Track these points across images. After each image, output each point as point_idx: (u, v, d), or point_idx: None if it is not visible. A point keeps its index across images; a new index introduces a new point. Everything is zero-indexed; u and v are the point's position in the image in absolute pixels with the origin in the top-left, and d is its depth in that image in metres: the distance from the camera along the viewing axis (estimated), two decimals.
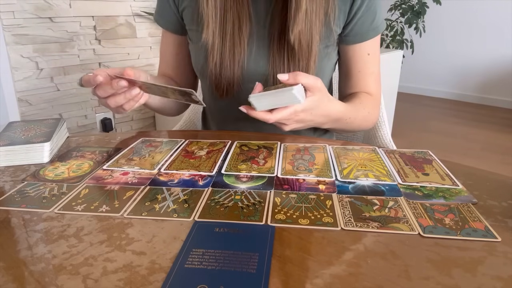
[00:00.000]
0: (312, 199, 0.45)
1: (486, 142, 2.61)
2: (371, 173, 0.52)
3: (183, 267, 0.33)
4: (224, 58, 0.69)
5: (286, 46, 0.67)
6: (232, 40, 0.68)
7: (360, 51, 0.74)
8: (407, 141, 2.65)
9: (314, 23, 0.66)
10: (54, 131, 0.63)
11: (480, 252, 0.36)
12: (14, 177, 0.53)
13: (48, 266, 0.34)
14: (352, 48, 0.74)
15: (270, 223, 0.40)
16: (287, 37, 0.66)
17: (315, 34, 0.67)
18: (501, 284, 0.32)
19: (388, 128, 0.87)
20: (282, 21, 0.67)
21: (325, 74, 0.75)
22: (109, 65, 2.09)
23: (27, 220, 0.42)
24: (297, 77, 0.53)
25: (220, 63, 0.69)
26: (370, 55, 0.75)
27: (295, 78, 0.53)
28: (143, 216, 0.42)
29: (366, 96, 0.75)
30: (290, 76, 0.53)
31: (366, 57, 0.75)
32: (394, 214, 0.42)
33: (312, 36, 0.67)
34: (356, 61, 0.75)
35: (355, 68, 0.76)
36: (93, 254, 0.36)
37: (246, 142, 0.64)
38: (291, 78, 0.53)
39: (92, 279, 0.33)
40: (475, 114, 3.25)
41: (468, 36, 3.62)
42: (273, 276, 0.33)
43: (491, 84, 3.58)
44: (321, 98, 0.58)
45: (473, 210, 0.43)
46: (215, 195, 0.46)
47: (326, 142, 0.64)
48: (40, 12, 1.79)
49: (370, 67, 0.76)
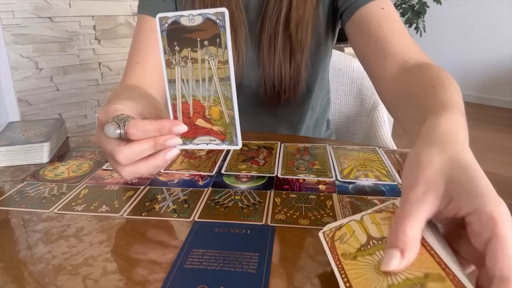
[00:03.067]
0: (312, 199, 0.45)
1: (486, 142, 2.61)
2: (371, 173, 0.52)
3: (183, 267, 0.33)
4: None
5: (276, 49, 0.67)
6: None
7: (372, 10, 0.59)
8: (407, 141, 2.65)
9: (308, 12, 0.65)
10: (53, 131, 0.63)
11: None
12: (14, 177, 0.53)
13: (48, 266, 0.34)
14: (359, 13, 0.60)
15: (270, 223, 0.40)
16: (277, 39, 0.66)
17: (310, 19, 0.65)
18: None
19: (388, 128, 0.87)
20: (273, 25, 0.66)
21: (318, 70, 0.74)
22: (109, 65, 2.09)
23: (26, 220, 0.42)
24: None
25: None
26: (386, 9, 0.59)
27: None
28: (143, 216, 0.42)
29: (428, 69, 0.49)
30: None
31: (381, 12, 0.58)
32: None
33: (308, 22, 0.65)
34: (372, 20, 0.59)
35: (374, 27, 0.58)
36: (93, 254, 0.36)
37: (246, 142, 0.63)
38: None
39: (92, 279, 0.33)
40: (475, 114, 3.25)
41: (468, 36, 3.62)
42: (273, 276, 0.32)
43: (491, 84, 3.57)
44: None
45: None
46: (215, 195, 0.46)
47: (326, 142, 0.64)
48: (39, 11, 1.79)
49: (393, 23, 0.58)
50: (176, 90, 0.39)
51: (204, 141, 0.41)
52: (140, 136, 0.37)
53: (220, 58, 0.37)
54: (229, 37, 0.36)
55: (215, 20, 0.36)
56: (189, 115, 0.40)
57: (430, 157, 0.29)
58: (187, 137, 0.40)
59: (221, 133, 0.40)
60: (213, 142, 0.40)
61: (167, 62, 0.39)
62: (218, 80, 0.38)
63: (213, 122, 0.40)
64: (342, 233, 0.34)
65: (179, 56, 0.38)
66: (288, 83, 0.69)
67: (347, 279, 0.29)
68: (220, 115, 0.39)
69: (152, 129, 0.38)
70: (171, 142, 0.39)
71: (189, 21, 0.37)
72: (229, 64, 0.37)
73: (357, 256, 0.31)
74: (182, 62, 0.38)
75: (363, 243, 0.32)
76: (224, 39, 0.36)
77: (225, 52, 0.37)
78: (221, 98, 0.39)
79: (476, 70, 3.64)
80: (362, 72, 0.93)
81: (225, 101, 0.39)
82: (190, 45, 0.37)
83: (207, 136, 0.40)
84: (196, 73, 0.38)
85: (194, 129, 0.40)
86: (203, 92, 0.39)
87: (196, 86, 0.39)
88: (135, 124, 0.37)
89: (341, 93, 0.96)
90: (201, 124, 0.40)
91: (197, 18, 0.36)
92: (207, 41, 0.37)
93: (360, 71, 0.94)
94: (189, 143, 0.41)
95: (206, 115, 0.40)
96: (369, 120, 0.92)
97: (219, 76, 0.38)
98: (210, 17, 0.36)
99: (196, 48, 0.37)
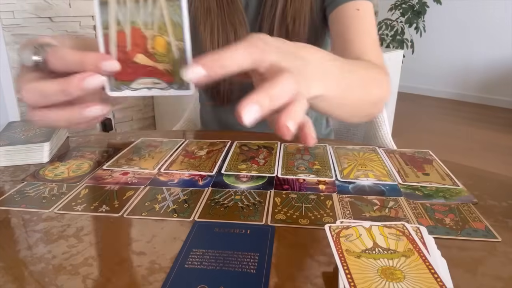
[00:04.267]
0: (312, 199, 0.45)
1: (486, 142, 2.61)
2: (371, 173, 0.52)
3: (183, 267, 0.33)
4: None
5: (279, 29, 0.67)
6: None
7: (347, 10, 0.61)
8: (407, 141, 2.65)
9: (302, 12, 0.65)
10: (53, 131, 0.63)
11: (481, 252, 0.36)
12: (14, 177, 0.53)
13: (48, 266, 0.34)
14: (336, 11, 0.63)
15: (270, 223, 0.40)
16: (279, 28, 0.66)
17: (307, 11, 0.66)
18: (501, 284, 0.32)
19: (388, 128, 0.87)
20: (269, 22, 0.66)
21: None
22: None
23: (26, 220, 0.42)
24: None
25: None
26: (361, 11, 0.61)
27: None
28: (143, 216, 0.42)
29: (369, 61, 0.56)
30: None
31: (355, 13, 0.61)
32: (395, 214, 0.42)
33: (305, 15, 0.65)
34: (343, 20, 0.61)
35: (344, 27, 0.61)
36: (93, 255, 0.36)
37: (246, 142, 0.63)
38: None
39: (92, 279, 0.33)
40: (476, 114, 3.25)
41: (469, 36, 3.62)
42: (273, 276, 0.32)
43: (492, 84, 3.57)
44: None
45: (474, 210, 0.43)
46: (215, 195, 0.46)
47: (326, 142, 0.64)
48: (39, 11, 1.79)
49: (362, 24, 0.60)
50: (109, 14, 0.30)
51: (145, 85, 0.32)
52: (60, 67, 0.31)
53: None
54: None
55: None
56: (126, 48, 0.31)
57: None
58: (123, 80, 0.32)
59: (168, 73, 0.31)
60: (157, 85, 0.32)
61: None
62: (164, 1, 0.30)
63: (157, 58, 0.31)
64: (348, 232, 0.34)
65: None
66: None
67: (348, 271, 0.29)
68: (167, 48, 0.30)
69: (74, 61, 0.30)
70: (89, 82, 0.30)
71: None
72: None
73: (361, 256, 0.31)
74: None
75: (368, 247, 0.32)
76: None
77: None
78: (168, 25, 0.30)
79: (476, 70, 3.64)
80: None
81: (173, 28, 0.30)
82: None
83: (149, 78, 0.31)
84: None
85: (133, 67, 0.31)
86: (145, 17, 0.30)
87: (136, 8, 0.30)
88: (55, 51, 0.30)
89: None
90: (142, 61, 0.31)
91: None
92: None
93: None
94: (125, 88, 0.32)
95: (148, 49, 0.31)
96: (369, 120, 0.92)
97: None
98: None
99: None
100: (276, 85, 0.28)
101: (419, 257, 0.31)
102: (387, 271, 0.30)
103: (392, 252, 0.32)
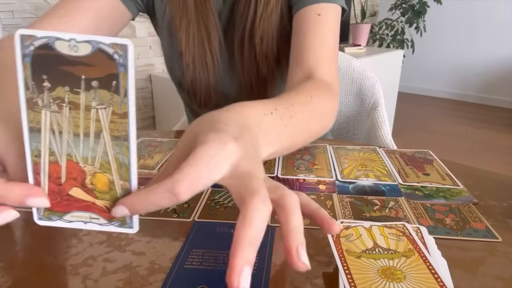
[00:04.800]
0: (312, 199, 0.45)
1: (487, 142, 2.61)
2: (371, 173, 0.52)
3: (183, 268, 0.33)
4: (196, 72, 0.67)
5: (243, 58, 0.67)
6: (203, 53, 0.66)
7: (308, 14, 0.59)
8: (407, 141, 2.65)
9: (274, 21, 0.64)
10: None
11: (481, 252, 0.36)
12: None
13: (48, 266, 0.34)
14: (299, 14, 0.61)
15: (270, 223, 0.40)
16: (244, 50, 0.65)
17: (274, 31, 0.65)
18: (501, 284, 0.32)
19: (388, 128, 0.87)
20: (240, 35, 0.66)
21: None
22: None
23: (27, 220, 0.42)
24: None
25: (193, 77, 0.68)
26: (322, 17, 0.58)
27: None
28: (143, 216, 0.42)
29: (308, 82, 0.53)
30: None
31: (315, 18, 0.59)
32: (395, 214, 0.42)
33: (272, 35, 0.64)
34: (303, 24, 0.59)
35: (302, 32, 0.59)
36: (93, 255, 0.36)
37: None
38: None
39: (92, 279, 0.33)
40: (476, 113, 3.25)
41: (469, 36, 3.62)
42: (273, 276, 0.32)
43: (492, 84, 3.58)
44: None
45: (474, 210, 0.43)
46: (215, 195, 0.46)
47: (326, 142, 0.64)
48: (39, 11, 1.79)
49: (320, 32, 0.58)
50: (41, 143, 0.27)
51: (81, 218, 0.28)
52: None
53: (115, 108, 0.25)
54: (131, 81, 0.25)
55: (112, 54, 0.25)
56: (60, 180, 0.27)
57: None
58: (55, 210, 0.28)
59: (108, 210, 0.28)
60: (95, 220, 0.28)
61: (29, 101, 0.26)
62: (109, 139, 0.26)
63: (97, 194, 0.27)
64: (348, 233, 0.34)
65: (50, 96, 0.26)
66: (256, 93, 0.69)
67: (348, 271, 0.29)
68: (110, 186, 0.27)
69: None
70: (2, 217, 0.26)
71: (69, 49, 0.25)
72: (129, 118, 0.26)
73: (361, 256, 0.31)
74: (54, 105, 0.26)
75: (369, 247, 0.32)
76: (124, 84, 0.25)
77: (123, 102, 0.25)
78: (112, 164, 0.27)
79: (476, 70, 3.64)
80: (362, 72, 0.93)
81: (118, 168, 0.27)
82: (69, 83, 0.25)
83: (86, 212, 0.28)
84: (76, 124, 0.26)
85: (67, 200, 0.28)
86: (85, 152, 0.27)
87: (75, 142, 0.27)
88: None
89: (341, 93, 0.96)
90: (77, 195, 0.28)
91: (82, 46, 0.25)
92: (97, 81, 0.25)
93: (360, 71, 0.94)
94: (57, 219, 0.29)
95: (87, 184, 0.27)
96: (369, 120, 0.92)
97: (112, 133, 0.26)
98: (104, 48, 0.25)
99: (79, 89, 0.26)
100: (250, 226, 0.25)
101: (420, 257, 0.31)
102: (387, 271, 0.30)
103: (393, 252, 0.32)
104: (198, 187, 0.25)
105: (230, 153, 0.26)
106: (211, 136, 0.27)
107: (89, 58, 0.25)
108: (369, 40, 3.18)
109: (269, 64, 0.67)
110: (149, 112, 2.31)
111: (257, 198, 0.25)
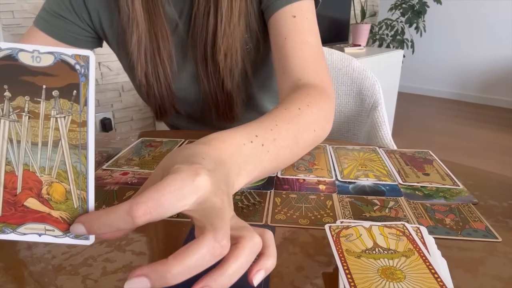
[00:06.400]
0: (312, 199, 0.45)
1: (487, 142, 2.61)
2: (371, 173, 0.52)
3: None
4: (150, 87, 0.65)
5: (208, 71, 0.65)
6: (154, 66, 0.64)
7: (283, 17, 0.57)
8: (407, 141, 2.65)
9: (237, 36, 0.61)
10: None
11: (481, 252, 0.36)
12: None
13: (47, 266, 0.34)
14: (273, 19, 0.59)
15: (270, 223, 0.40)
16: (208, 63, 0.64)
17: (238, 46, 0.62)
18: (501, 284, 0.32)
19: (388, 128, 0.87)
20: (202, 49, 0.63)
21: (263, 83, 0.72)
22: (109, 65, 2.09)
23: None
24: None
25: (147, 91, 0.66)
26: (298, 17, 0.57)
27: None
28: None
29: (296, 92, 0.51)
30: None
31: (291, 20, 0.57)
32: (395, 214, 0.42)
33: (237, 50, 0.62)
34: (280, 29, 0.57)
35: (281, 38, 0.57)
36: (93, 255, 0.36)
37: None
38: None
39: (92, 279, 0.33)
40: (476, 114, 3.25)
41: (469, 36, 3.62)
42: (273, 276, 0.32)
43: (492, 84, 3.58)
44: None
45: (474, 210, 0.43)
46: None
47: (326, 142, 0.64)
48: None
49: (300, 34, 0.56)
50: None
51: (35, 231, 0.28)
52: None
53: (74, 117, 0.26)
54: (92, 90, 0.26)
55: (74, 65, 0.26)
56: (15, 191, 0.27)
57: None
58: (8, 222, 0.28)
59: (64, 221, 0.28)
60: (50, 232, 0.28)
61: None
62: (67, 147, 0.27)
63: (52, 204, 0.27)
64: (348, 232, 0.34)
65: (9, 105, 0.26)
66: (223, 106, 0.69)
67: (348, 271, 0.29)
68: (66, 196, 0.27)
69: None
70: None
71: (32, 60, 0.26)
72: (88, 127, 0.27)
73: (361, 256, 0.31)
74: (14, 114, 0.27)
75: (368, 247, 0.32)
76: (85, 93, 0.26)
77: (83, 111, 0.26)
78: (69, 173, 0.27)
79: (476, 70, 3.64)
80: (362, 72, 0.93)
81: (75, 177, 0.27)
82: (30, 93, 0.26)
83: (41, 224, 0.28)
84: (35, 133, 0.27)
85: (22, 212, 0.27)
86: (42, 162, 0.27)
87: (33, 151, 0.27)
88: None
89: (341, 93, 0.96)
90: (33, 206, 0.27)
91: (45, 57, 0.26)
92: (57, 91, 0.26)
93: (360, 71, 0.94)
94: (10, 232, 0.28)
95: (43, 194, 0.27)
96: (369, 120, 0.92)
97: (71, 142, 0.27)
98: (66, 59, 0.26)
99: (39, 99, 0.26)
100: (194, 254, 0.25)
101: (419, 257, 0.31)
102: (387, 271, 0.30)
103: (392, 252, 0.32)
104: (158, 213, 0.25)
105: (200, 186, 0.26)
106: (184, 167, 0.27)
107: (51, 68, 0.26)
108: (369, 40, 3.19)
109: (233, 78, 0.65)
110: (149, 112, 2.31)
111: (215, 235, 0.24)
